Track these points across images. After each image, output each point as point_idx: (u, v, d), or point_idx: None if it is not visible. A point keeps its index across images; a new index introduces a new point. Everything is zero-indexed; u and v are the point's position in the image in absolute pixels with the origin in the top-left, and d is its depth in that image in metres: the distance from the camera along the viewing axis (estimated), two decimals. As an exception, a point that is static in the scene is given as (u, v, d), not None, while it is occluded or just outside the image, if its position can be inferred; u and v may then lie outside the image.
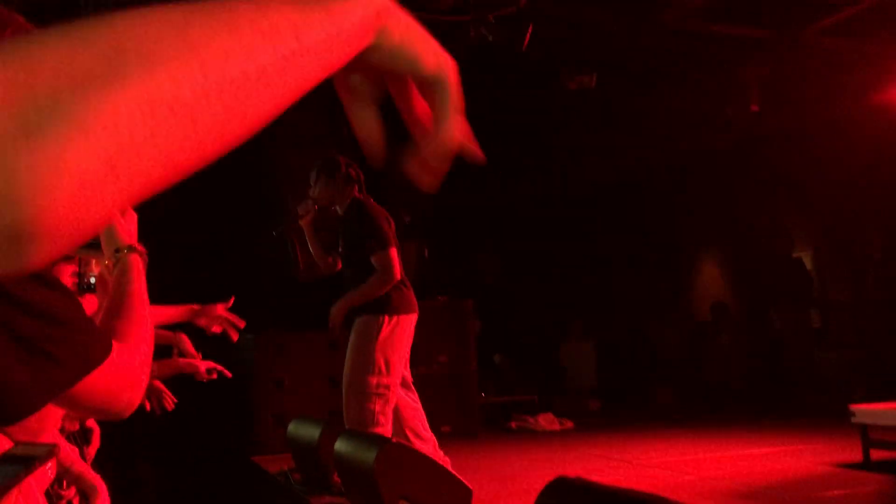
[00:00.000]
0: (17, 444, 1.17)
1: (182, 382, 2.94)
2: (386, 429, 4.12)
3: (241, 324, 2.66)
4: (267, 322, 6.90)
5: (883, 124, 7.53)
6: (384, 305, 4.18)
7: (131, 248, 1.26)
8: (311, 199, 4.42)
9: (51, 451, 1.03)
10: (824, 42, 6.91)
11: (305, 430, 4.75)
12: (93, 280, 1.84)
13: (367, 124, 0.55)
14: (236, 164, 7.61)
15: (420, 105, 0.55)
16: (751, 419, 7.40)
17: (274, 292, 7.36)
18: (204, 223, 7.34)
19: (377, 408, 4.09)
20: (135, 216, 1.34)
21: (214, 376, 2.75)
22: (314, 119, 6.90)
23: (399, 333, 4.20)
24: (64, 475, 1.96)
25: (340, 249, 4.44)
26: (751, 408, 8.36)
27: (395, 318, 4.17)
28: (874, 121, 7.62)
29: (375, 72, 0.52)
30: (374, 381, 4.10)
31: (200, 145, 0.37)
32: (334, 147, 6.98)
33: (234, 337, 2.69)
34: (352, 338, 4.26)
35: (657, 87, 8.03)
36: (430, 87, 0.52)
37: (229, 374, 2.78)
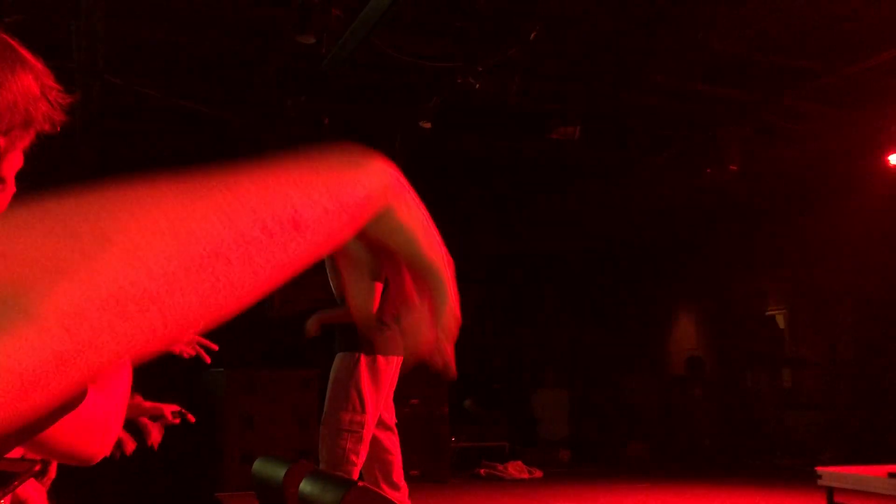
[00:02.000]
0: None
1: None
2: (357, 468, 4.08)
3: (215, 347, 2.61)
4: (238, 358, 6.83)
5: (859, 191, 7.69)
6: (361, 344, 4.18)
7: None
8: None
9: (30, 471, 1.01)
10: (803, 107, 7.08)
11: (271, 469, 4.67)
12: None
13: (360, 295, 0.55)
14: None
15: (410, 287, 0.53)
16: (720, 477, 7.39)
17: (246, 329, 7.30)
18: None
19: (348, 445, 4.06)
20: None
21: (178, 421, 2.69)
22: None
23: (377, 373, 4.19)
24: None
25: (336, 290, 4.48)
26: (721, 465, 8.36)
27: (371, 357, 4.17)
28: (850, 187, 7.78)
29: (375, 245, 0.51)
30: (346, 417, 4.09)
31: (167, 333, 0.35)
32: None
33: (207, 360, 2.64)
34: (330, 375, 4.28)
35: (639, 144, 8.16)
36: (424, 275, 0.51)
37: (192, 419, 2.72)
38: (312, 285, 6.87)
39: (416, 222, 0.49)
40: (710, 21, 5.54)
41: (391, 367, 4.28)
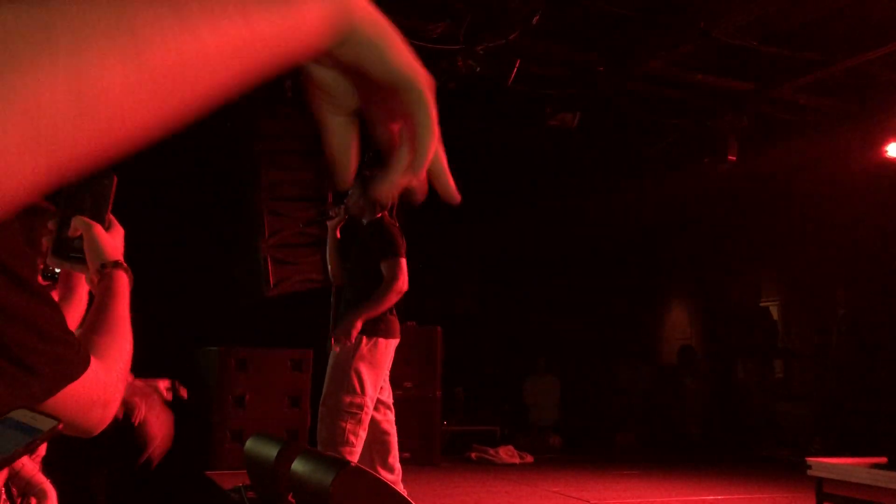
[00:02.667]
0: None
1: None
2: (356, 450, 4.10)
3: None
4: (231, 337, 6.83)
5: (853, 184, 7.68)
6: (363, 327, 4.18)
7: (117, 264, 1.23)
8: (345, 206, 4.49)
9: (54, 428, 1.02)
10: (800, 99, 7.06)
11: (263, 448, 4.69)
12: (57, 270, 1.81)
13: (338, 134, 0.52)
14: (208, 175, 7.51)
15: (392, 117, 0.52)
16: (710, 466, 7.43)
17: (240, 308, 7.29)
18: (174, 237, 7.28)
19: (349, 427, 4.09)
20: (121, 231, 1.31)
21: (170, 396, 2.68)
22: (295, 137, 6.88)
23: (377, 356, 4.20)
24: (13, 478, 1.91)
25: (349, 262, 4.48)
26: (711, 455, 8.40)
27: (373, 340, 4.19)
28: (846, 179, 7.78)
29: (350, 72, 0.49)
30: (347, 399, 4.11)
31: (130, 131, 0.36)
32: (310, 161, 6.98)
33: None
34: (330, 356, 4.29)
35: (637, 133, 8.14)
36: (404, 94, 0.49)
37: (185, 394, 2.71)
38: (307, 266, 6.88)
39: (386, 37, 0.47)
40: (710, 11, 5.51)
41: (390, 349, 4.28)
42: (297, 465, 3.81)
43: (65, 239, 1.25)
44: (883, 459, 4.61)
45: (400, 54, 0.48)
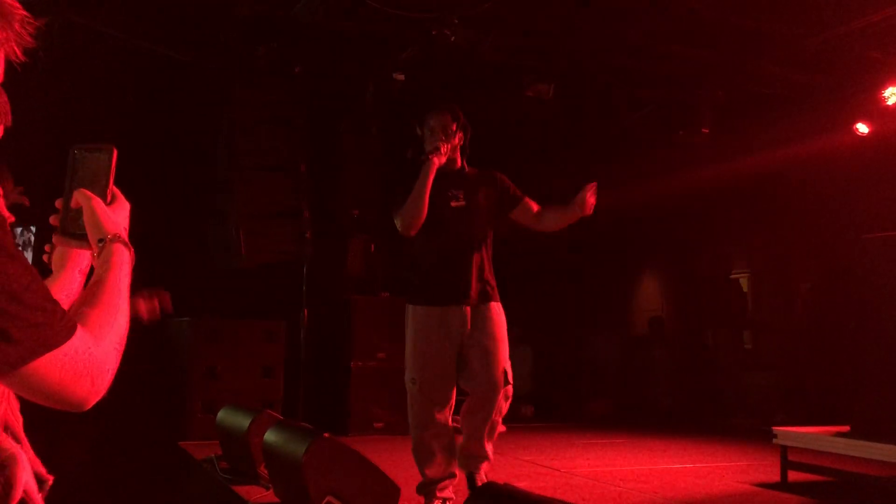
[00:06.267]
0: None
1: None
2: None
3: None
4: (203, 308, 6.79)
5: (824, 158, 7.76)
6: (497, 293, 4.43)
7: (115, 238, 1.21)
8: (449, 144, 4.23)
9: None
10: (774, 73, 7.10)
11: (235, 419, 4.70)
12: None
13: None
14: (180, 144, 7.38)
15: None
16: (679, 435, 7.55)
17: (213, 279, 7.24)
18: (145, 207, 7.18)
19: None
20: (126, 205, 1.29)
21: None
22: (269, 106, 6.80)
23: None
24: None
25: (463, 203, 4.28)
26: (679, 424, 8.54)
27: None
28: (817, 153, 7.85)
29: None
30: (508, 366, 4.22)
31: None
32: (284, 130, 6.91)
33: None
34: (493, 322, 4.29)
35: (612, 104, 8.14)
36: None
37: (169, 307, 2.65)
38: (280, 237, 6.83)
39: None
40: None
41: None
42: (270, 436, 3.82)
43: (71, 216, 1.24)
44: (845, 428, 4.72)
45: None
